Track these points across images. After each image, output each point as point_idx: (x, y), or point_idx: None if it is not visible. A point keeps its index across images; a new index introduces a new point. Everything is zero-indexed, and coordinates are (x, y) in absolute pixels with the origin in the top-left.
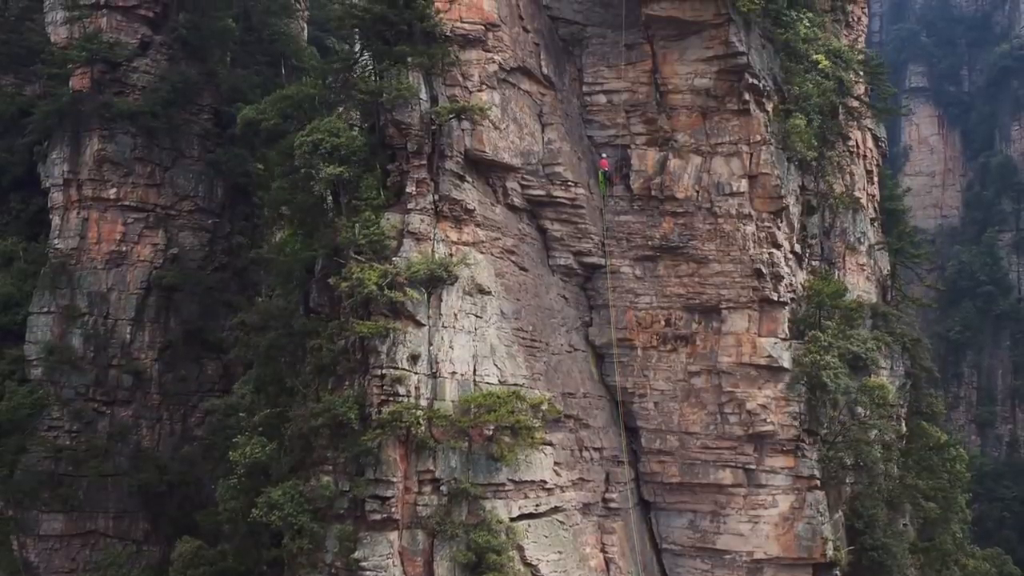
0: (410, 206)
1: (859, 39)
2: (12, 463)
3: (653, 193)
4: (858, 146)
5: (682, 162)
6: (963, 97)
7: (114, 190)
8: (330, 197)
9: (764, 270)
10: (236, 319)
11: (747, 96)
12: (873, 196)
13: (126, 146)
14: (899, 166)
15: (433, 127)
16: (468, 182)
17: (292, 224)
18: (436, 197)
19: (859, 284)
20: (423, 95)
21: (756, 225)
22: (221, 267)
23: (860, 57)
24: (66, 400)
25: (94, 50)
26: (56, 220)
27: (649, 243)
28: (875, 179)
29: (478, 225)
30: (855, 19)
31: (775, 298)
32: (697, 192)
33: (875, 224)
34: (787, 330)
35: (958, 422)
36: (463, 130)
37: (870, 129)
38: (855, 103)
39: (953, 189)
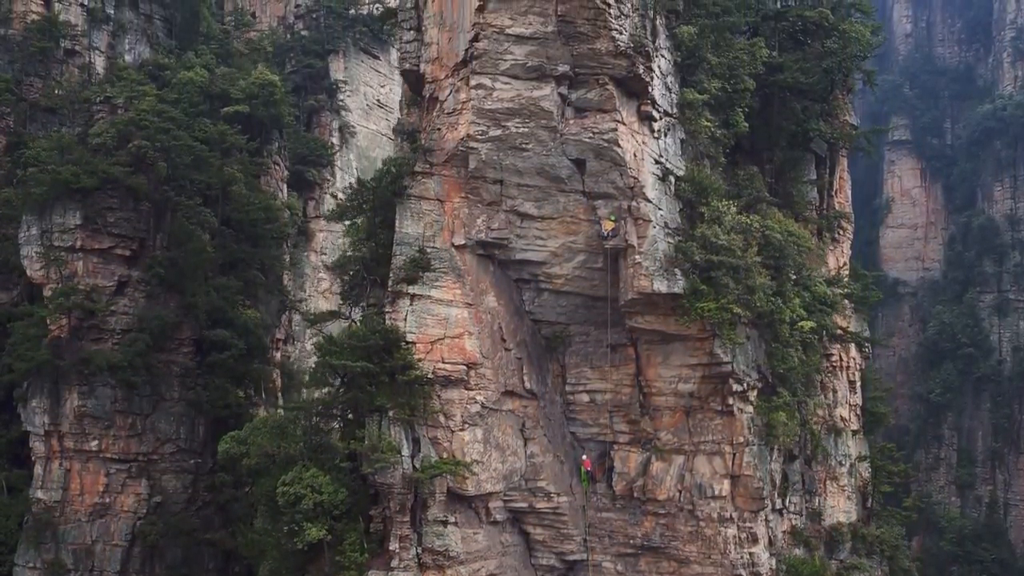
0: (393, 564)
1: (846, 260)
2: None
3: (635, 495)
4: (841, 359)
5: (664, 464)
6: (946, 150)
7: (96, 442)
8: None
9: (744, 573)
10: None
11: (731, 400)
12: (855, 405)
13: (106, 399)
14: (881, 218)
15: (415, 477)
16: (451, 522)
17: (274, 559)
18: (419, 550)
19: (839, 506)
20: (405, 450)
21: (737, 526)
22: (205, 504)
23: (846, 291)
24: None
25: (71, 304)
26: (38, 470)
27: (631, 541)
28: (857, 387)
29: (461, 563)
30: (841, 232)
31: None
32: (679, 492)
33: (856, 436)
34: None
35: (938, 483)
36: (445, 472)
37: (852, 336)
38: (839, 331)
39: (935, 242)
